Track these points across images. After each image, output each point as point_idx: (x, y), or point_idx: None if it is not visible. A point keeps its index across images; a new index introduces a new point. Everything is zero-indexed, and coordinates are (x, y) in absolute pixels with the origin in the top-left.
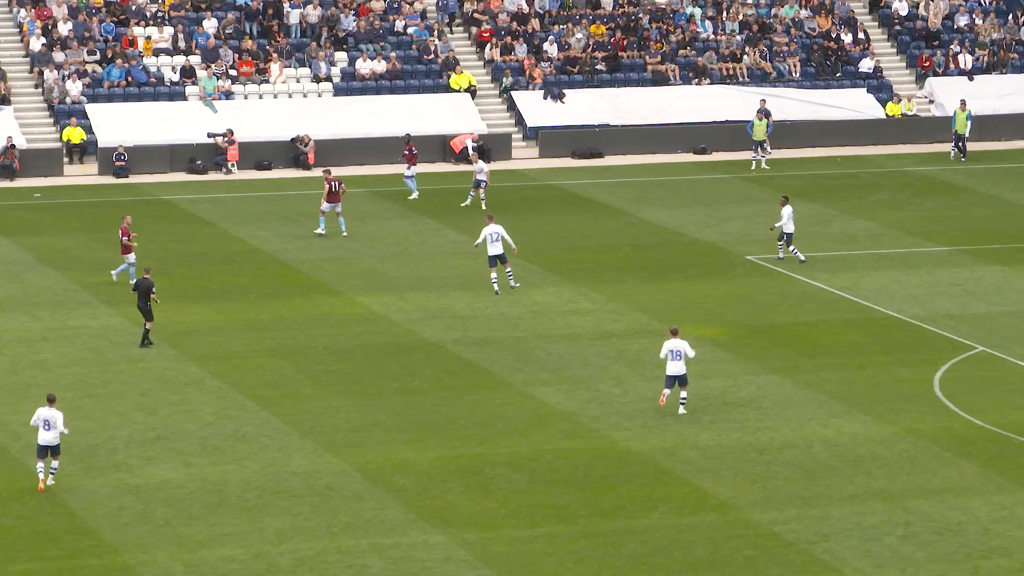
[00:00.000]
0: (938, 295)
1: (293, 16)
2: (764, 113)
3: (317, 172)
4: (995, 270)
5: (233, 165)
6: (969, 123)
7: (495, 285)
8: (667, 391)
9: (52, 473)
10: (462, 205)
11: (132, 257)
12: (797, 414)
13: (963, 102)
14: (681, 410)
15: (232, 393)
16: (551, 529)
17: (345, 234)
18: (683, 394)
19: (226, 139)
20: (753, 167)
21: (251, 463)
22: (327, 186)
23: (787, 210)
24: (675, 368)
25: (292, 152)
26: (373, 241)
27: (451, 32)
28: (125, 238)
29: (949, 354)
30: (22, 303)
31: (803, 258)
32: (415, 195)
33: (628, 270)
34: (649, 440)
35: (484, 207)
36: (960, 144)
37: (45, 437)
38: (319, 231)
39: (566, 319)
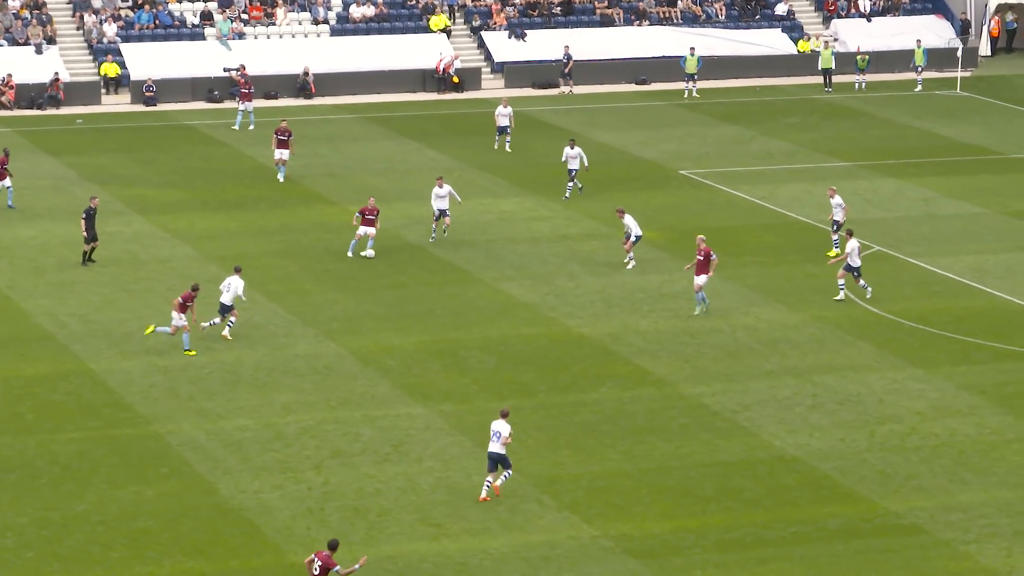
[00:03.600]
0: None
1: None
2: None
3: (317, 101)
4: (889, 182)
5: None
6: (834, 59)
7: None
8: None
9: (229, 326)
10: (496, 148)
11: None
12: (722, 304)
13: (826, 42)
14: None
15: (246, 288)
16: (515, 402)
17: (283, 180)
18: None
19: (240, 74)
20: (686, 95)
21: (262, 347)
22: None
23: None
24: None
25: (297, 83)
26: (364, 159)
27: None
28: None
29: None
30: (68, 213)
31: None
32: (246, 128)
33: (580, 182)
34: (598, 327)
35: (509, 149)
36: (827, 78)
37: (224, 297)
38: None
39: (528, 225)
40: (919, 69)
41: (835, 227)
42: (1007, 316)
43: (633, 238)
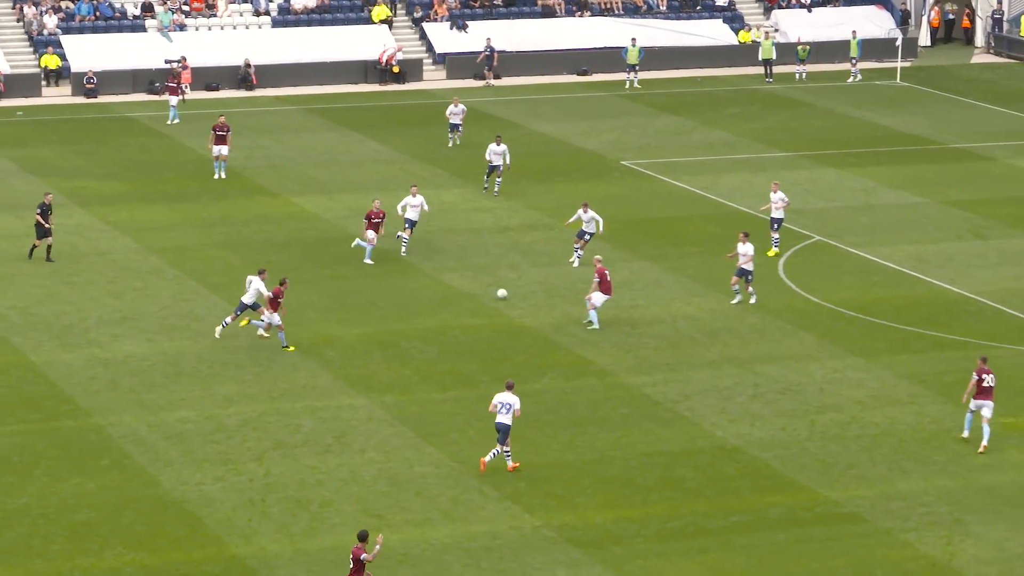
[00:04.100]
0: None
1: None
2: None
3: (259, 92)
4: (830, 172)
5: (187, 87)
6: (774, 50)
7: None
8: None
9: (259, 324)
10: (450, 145)
11: None
12: (664, 294)
13: (767, 33)
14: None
15: (187, 280)
16: (457, 393)
17: (222, 176)
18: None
19: (180, 65)
20: (627, 86)
21: (203, 339)
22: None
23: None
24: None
25: (238, 75)
26: (306, 150)
27: None
28: None
29: (791, 242)
30: (8, 205)
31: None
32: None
33: (522, 174)
34: (540, 317)
35: (458, 142)
36: (768, 69)
37: (246, 296)
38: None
39: (469, 216)
40: (854, 60)
41: (774, 225)
42: (946, 305)
43: (587, 236)
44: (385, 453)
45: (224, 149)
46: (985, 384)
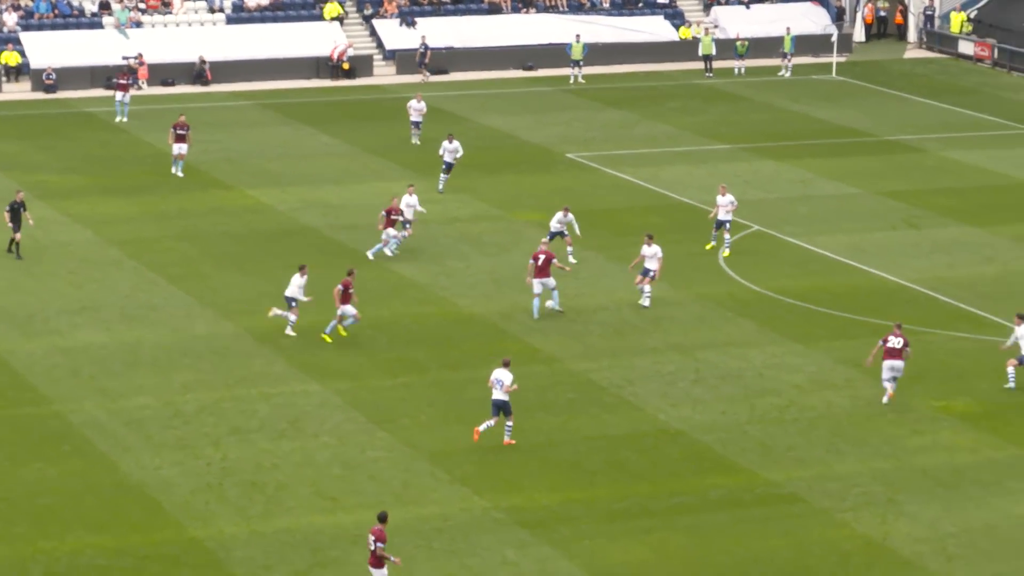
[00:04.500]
0: (723, 184)
1: None
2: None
3: (214, 88)
4: (769, 164)
5: (143, 83)
6: (714, 45)
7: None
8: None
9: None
10: (414, 143)
11: None
12: (609, 283)
13: (707, 29)
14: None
15: (145, 271)
16: (408, 379)
17: (180, 175)
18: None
19: (137, 61)
20: (572, 81)
21: (161, 328)
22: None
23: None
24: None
25: (194, 71)
26: (260, 144)
27: None
28: None
29: (731, 232)
30: None
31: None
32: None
33: (470, 166)
34: (488, 306)
35: (418, 142)
36: (708, 64)
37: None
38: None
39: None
40: (787, 56)
41: (717, 226)
42: (882, 293)
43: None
44: (338, 438)
45: (184, 148)
46: (890, 345)
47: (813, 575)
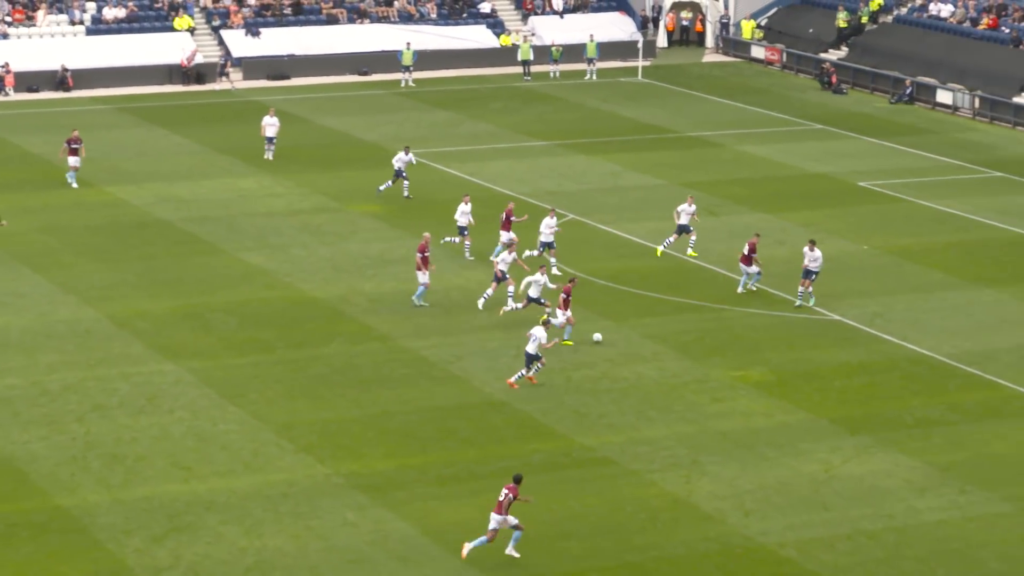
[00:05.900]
0: (540, 178)
1: None
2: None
3: (75, 93)
4: (581, 158)
5: (10, 89)
6: (532, 51)
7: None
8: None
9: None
10: (266, 158)
11: None
12: (437, 267)
13: (525, 37)
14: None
15: (10, 261)
16: (256, 358)
17: (74, 186)
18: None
19: (4, 69)
20: (403, 85)
21: (27, 313)
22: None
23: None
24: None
25: (56, 78)
26: (118, 145)
27: None
28: None
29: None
30: None
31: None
32: None
33: (312, 162)
34: (328, 290)
35: (270, 158)
36: (526, 68)
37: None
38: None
39: (265, 201)
40: (592, 61)
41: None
42: (684, 274)
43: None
44: (192, 412)
45: (77, 160)
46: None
47: (625, 530)
